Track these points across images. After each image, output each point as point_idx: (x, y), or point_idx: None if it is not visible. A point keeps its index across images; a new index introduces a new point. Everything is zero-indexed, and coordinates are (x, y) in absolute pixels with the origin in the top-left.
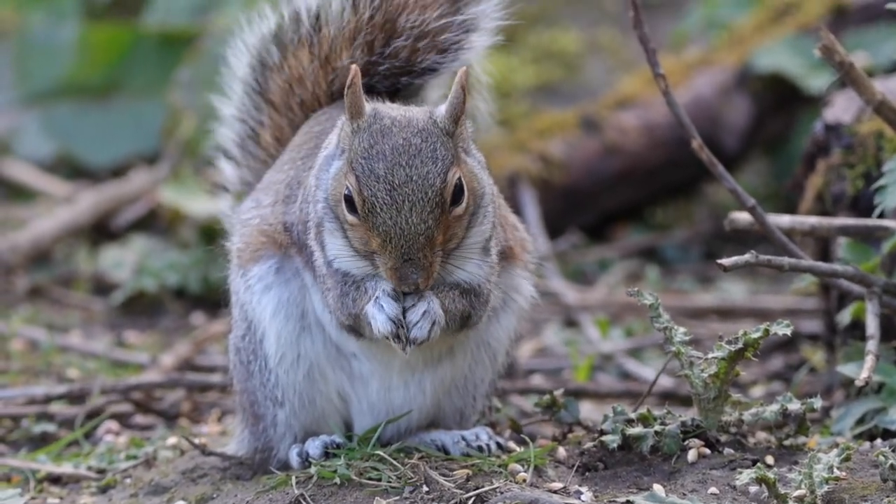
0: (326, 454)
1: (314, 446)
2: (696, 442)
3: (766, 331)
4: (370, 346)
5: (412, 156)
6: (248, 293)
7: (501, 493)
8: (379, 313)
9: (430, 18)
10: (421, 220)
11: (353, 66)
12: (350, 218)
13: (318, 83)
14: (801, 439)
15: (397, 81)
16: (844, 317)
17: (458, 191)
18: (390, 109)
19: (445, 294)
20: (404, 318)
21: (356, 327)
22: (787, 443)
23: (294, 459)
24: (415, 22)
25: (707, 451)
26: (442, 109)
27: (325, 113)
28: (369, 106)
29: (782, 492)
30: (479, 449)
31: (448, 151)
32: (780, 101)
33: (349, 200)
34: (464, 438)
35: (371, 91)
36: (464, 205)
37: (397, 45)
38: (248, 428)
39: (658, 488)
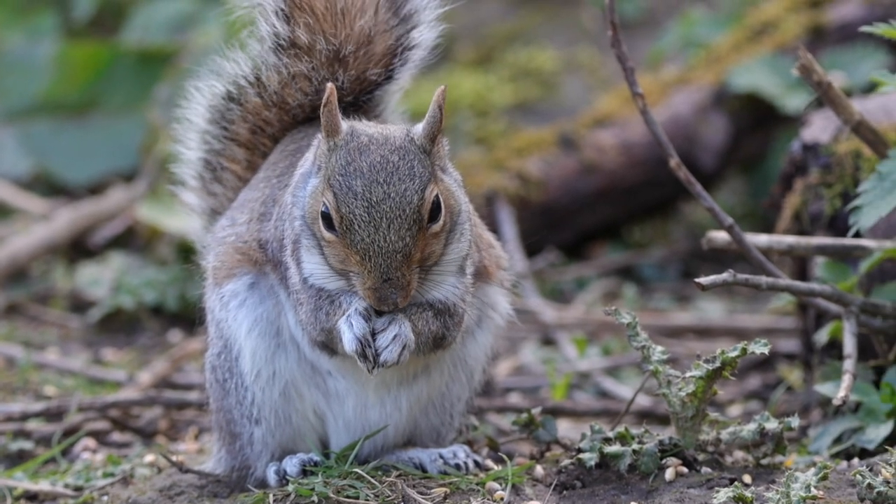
0: (304, 472)
1: (292, 464)
2: (673, 461)
3: (744, 350)
4: (344, 364)
5: (389, 173)
6: (224, 311)
7: None
8: (348, 331)
9: (370, 27)
10: (399, 238)
11: (329, 85)
12: (327, 235)
13: (282, 119)
14: (779, 458)
15: (358, 98)
16: (822, 336)
17: (436, 208)
18: (367, 127)
19: (419, 315)
20: (374, 339)
21: (329, 343)
22: (764, 462)
23: (272, 478)
24: (357, 41)
25: (685, 469)
26: (419, 128)
27: (301, 131)
28: (346, 124)
29: None
30: (457, 467)
31: (425, 169)
32: (757, 120)
33: (326, 217)
34: (441, 456)
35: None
36: (441, 222)
37: (347, 74)
38: (226, 447)
39: None
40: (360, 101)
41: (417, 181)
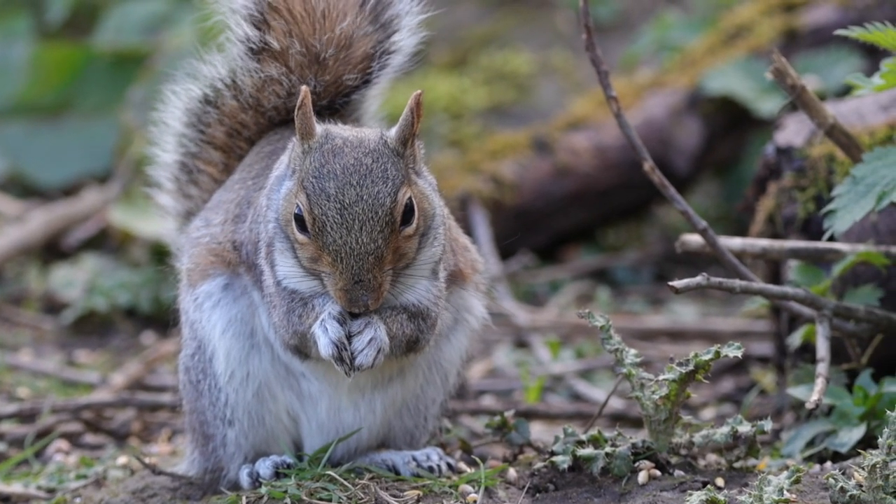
0: (277, 474)
1: (264, 466)
2: (646, 463)
3: (717, 353)
4: (317, 367)
5: (363, 175)
6: (198, 311)
7: None
8: (323, 335)
9: (350, 31)
10: (371, 240)
11: (304, 88)
12: (300, 237)
13: (259, 122)
14: (752, 461)
15: (334, 102)
16: (795, 339)
17: (409, 211)
18: (342, 130)
19: (393, 318)
20: (349, 342)
21: (301, 347)
22: (737, 465)
23: (244, 480)
24: (337, 44)
25: (657, 472)
26: (393, 131)
27: (276, 133)
28: (320, 127)
29: None
30: (430, 469)
31: (399, 171)
32: (730, 123)
33: (299, 219)
34: (414, 459)
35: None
36: (414, 225)
37: (322, 78)
38: (199, 448)
39: None
40: (336, 105)
41: (390, 184)
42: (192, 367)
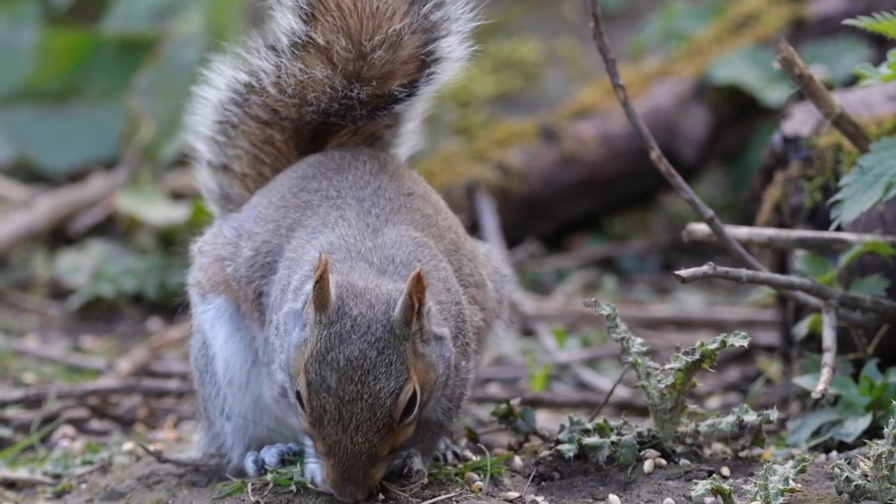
0: (283, 462)
1: (270, 454)
2: (652, 452)
3: (723, 342)
4: None
5: (366, 371)
6: (205, 315)
7: (457, 502)
8: (309, 473)
9: (398, 31)
10: (366, 440)
11: (323, 257)
12: (300, 409)
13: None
14: (757, 451)
15: (376, 112)
16: (801, 329)
17: (411, 404)
18: (355, 301)
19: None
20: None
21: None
22: (742, 454)
23: (250, 467)
24: (384, 43)
25: (663, 461)
26: (396, 312)
27: (314, 178)
28: (336, 293)
29: (737, 503)
30: (435, 458)
31: (403, 364)
32: (737, 112)
33: (300, 397)
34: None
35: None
36: (414, 414)
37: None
38: (205, 430)
39: (614, 498)
40: (377, 115)
41: (393, 382)
42: (197, 358)
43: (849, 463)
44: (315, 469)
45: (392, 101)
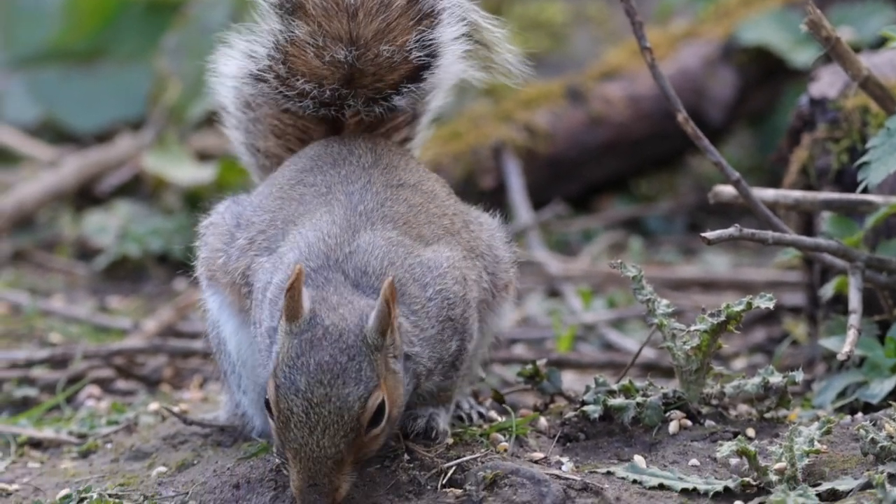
0: None
1: None
2: (677, 414)
3: (749, 304)
4: None
5: (335, 375)
6: (211, 301)
7: (482, 462)
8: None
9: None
10: (332, 444)
11: (298, 267)
12: (268, 418)
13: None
14: (783, 412)
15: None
16: (827, 290)
17: (379, 413)
18: (328, 313)
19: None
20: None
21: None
22: (768, 415)
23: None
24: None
25: (688, 423)
26: (372, 321)
27: (311, 172)
28: (308, 304)
29: (762, 464)
30: (460, 418)
31: (373, 372)
32: (765, 74)
33: (268, 404)
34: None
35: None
36: (382, 425)
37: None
38: (229, 395)
39: (639, 459)
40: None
41: (362, 388)
42: (210, 334)
43: (874, 424)
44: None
45: (389, 96)
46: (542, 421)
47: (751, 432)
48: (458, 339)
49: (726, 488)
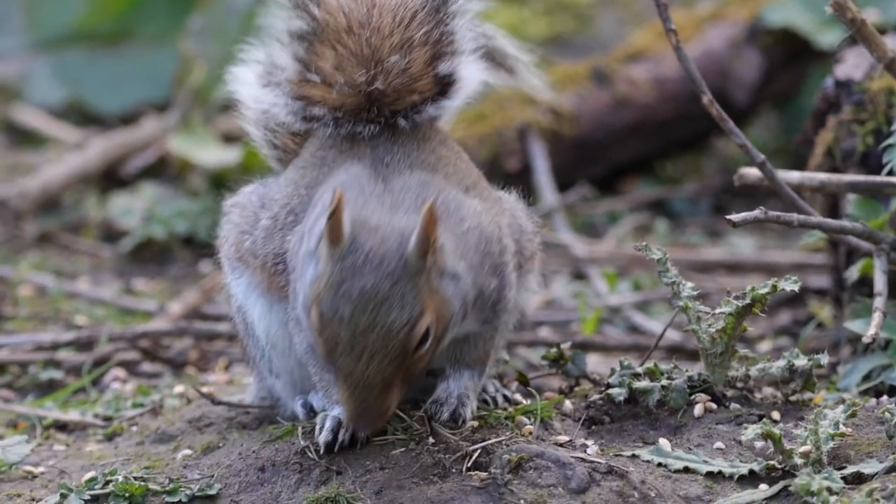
0: None
1: (318, 398)
2: (702, 397)
3: (774, 286)
4: None
5: (378, 302)
6: (237, 285)
7: (507, 445)
8: (319, 429)
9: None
10: (379, 371)
11: (337, 192)
12: (315, 337)
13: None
14: (808, 395)
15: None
16: (852, 273)
17: (424, 337)
18: (366, 235)
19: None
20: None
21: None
22: (793, 398)
23: (299, 411)
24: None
25: (713, 406)
26: (413, 244)
27: (331, 138)
28: (349, 227)
29: (788, 447)
30: (484, 402)
31: (417, 297)
32: (790, 56)
33: (313, 328)
34: None
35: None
36: (427, 345)
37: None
38: (257, 381)
39: (664, 442)
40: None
41: (406, 314)
42: (236, 319)
43: None
44: (325, 420)
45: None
46: (567, 404)
47: (776, 415)
48: (498, 280)
49: (751, 471)
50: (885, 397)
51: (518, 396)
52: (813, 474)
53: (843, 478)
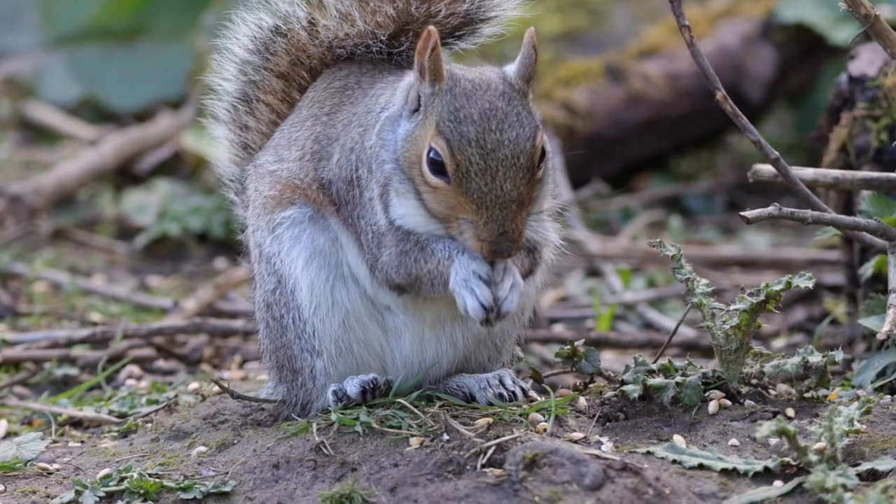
0: (363, 393)
1: (352, 385)
2: (716, 393)
3: (789, 283)
4: (406, 301)
5: (500, 120)
6: (277, 243)
7: (522, 442)
8: (470, 297)
9: None
10: (514, 187)
11: (431, 29)
12: (435, 180)
13: (324, 56)
14: (822, 392)
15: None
16: (867, 269)
17: (542, 153)
18: (463, 71)
19: (517, 257)
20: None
21: (410, 287)
22: (807, 395)
23: (330, 399)
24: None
25: (728, 402)
26: (513, 70)
27: (343, 68)
28: (445, 67)
29: (802, 444)
30: (500, 396)
31: (531, 115)
32: (804, 52)
33: (436, 164)
34: (488, 382)
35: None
36: (545, 163)
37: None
38: (286, 384)
39: (678, 439)
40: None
41: (527, 128)
42: (273, 303)
43: None
44: (466, 279)
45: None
46: (582, 401)
47: (790, 412)
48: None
49: (766, 468)
50: None
51: (532, 393)
52: (828, 471)
53: (858, 474)
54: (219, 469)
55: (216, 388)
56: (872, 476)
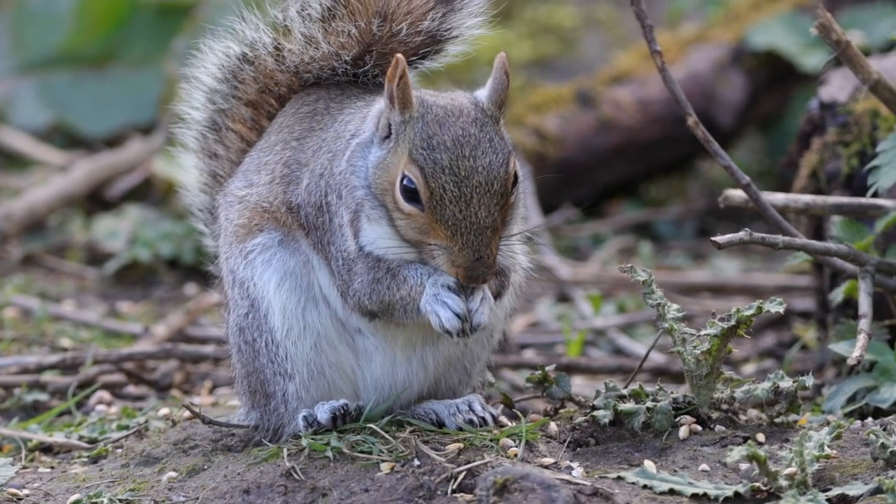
0: (334, 419)
1: (322, 410)
2: (687, 419)
3: (759, 308)
4: (377, 324)
5: (473, 146)
6: (249, 268)
7: (493, 467)
8: (443, 310)
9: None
10: (488, 214)
11: (399, 56)
12: (409, 208)
13: (292, 82)
14: (793, 417)
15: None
16: (837, 295)
17: (515, 179)
18: (434, 97)
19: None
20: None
21: (382, 313)
22: (778, 420)
23: (300, 424)
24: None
25: (698, 427)
26: (484, 95)
27: (311, 94)
28: (415, 94)
29: (773, 469)
30: (471, 422)
31: (503, 140)
32: (774, 78)
33: (409, 191)
34: (457, 408)
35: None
36: (517, 187)
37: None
38: (258, 409)
39: (649, 464)
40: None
41: (501, 154)
42: (246, 327)
43: (884, 429)
44: (435, 293)
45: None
46: (552, 426)
47: (761, 437)
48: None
49: (736, 493)
50: (869, 419)
51: (503, 419)
52: (798, 496)
53: (828, 500)
54: (189, 494)
55: (187, 414)
56: (843, 501)
